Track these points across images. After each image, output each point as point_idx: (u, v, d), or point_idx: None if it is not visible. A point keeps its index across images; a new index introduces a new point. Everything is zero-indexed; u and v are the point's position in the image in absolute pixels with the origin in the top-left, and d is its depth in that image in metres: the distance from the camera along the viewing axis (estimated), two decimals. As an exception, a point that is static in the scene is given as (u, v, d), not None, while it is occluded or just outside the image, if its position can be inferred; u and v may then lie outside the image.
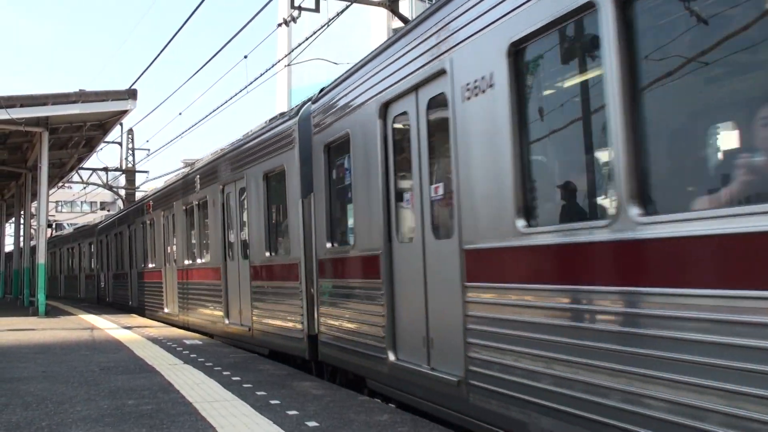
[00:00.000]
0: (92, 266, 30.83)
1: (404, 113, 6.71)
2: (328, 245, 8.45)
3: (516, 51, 4.91)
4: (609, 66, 3.98)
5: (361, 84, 7.51)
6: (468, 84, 5.45)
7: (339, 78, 8.39)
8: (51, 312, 20.84)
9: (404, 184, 6.86)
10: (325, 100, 8.65)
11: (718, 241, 3.35)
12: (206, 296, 13.91)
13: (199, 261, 14.58)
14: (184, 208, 15.75)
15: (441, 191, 6.09)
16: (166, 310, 17.61)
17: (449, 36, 5.73)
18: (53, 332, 14.80)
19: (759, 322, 3.13)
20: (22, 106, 18.61)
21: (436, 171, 6.22)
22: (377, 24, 46.10)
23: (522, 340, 4.77)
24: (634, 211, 3.78)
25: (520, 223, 4.81)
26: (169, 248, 17.35)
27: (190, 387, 7.64)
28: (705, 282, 3.42)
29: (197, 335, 13.89)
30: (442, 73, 5.85)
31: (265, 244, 10.76)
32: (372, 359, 7.27)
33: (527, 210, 4.85)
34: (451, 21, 5.68)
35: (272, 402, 6.70)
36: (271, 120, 11.08)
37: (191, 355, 10.47)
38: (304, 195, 9.25)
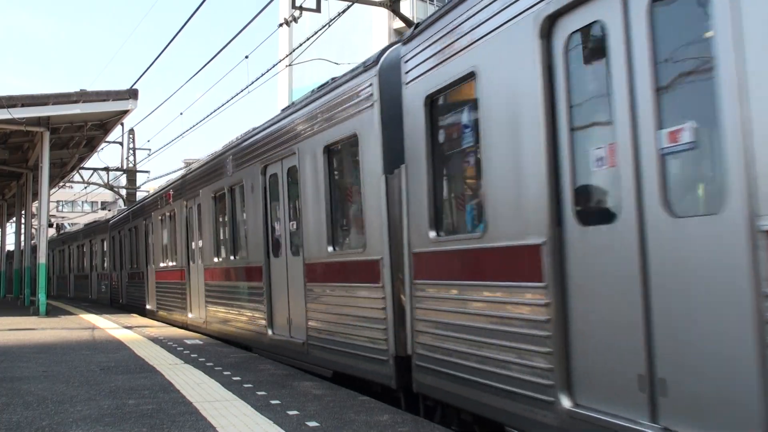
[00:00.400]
0: (104, 265, 28.22)
1: (592, 25, 4.49)
2: (432, 234, 6.24)
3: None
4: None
5: None
6: None
7: None
8: (52, 312, 20.84)
9: (588, 134, 4.61)
10: (429, 34, 6.28)
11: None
12: (242, 301, 11.62)
13: (232, 258, 12.19)
14: (212, 195, 13.35)
15: (682, 137, 3.84)
16: (190, 316, 15.27)
17: None
18: (54, 332, 14.80)
19: None
20: (23, 105, 18.62)
21: (667, 107, 3.97)
22: (378, 24, 46.09)
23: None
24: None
25: None
26: (193, 244, 15.07)
27: (191, 387, 7.64)
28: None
29: (197, 335, 13.88)
30: None
31: (325, 236, 8.43)
32: (525, 403, 4.97)
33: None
34: None
35: (273, 402, 6.70)
36: (332, 80, 8.77)
37: (192, 355, 10.46)
38: (389, 169, 7.07)
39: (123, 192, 39.96)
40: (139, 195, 36.73)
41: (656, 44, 3.97)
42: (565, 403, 4.54)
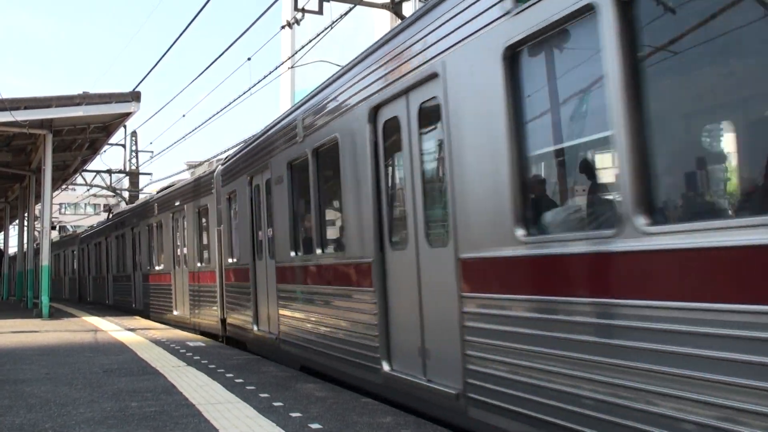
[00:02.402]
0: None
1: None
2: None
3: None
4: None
5: None
6: None
7: None
8: (54, 314, 20.86)
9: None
10: None
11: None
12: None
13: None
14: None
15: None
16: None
17: None
18: (57, 334, 14.82)
19: None
20: (26, 108, 18.64)
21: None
22: (380, 26, 46.12)
23: None
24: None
25: None
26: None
27: (194, 389, 7.64)
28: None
29: (200, 337, 13.89)
30: None
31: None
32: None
33: None
34: None
35: (275, 404, 6.70)
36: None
37: (194, 357, 10.47)
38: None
39: (125, 194, 39.99)
40: (141, 197, 36.79)
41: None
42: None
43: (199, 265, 15.54)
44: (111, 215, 33.22)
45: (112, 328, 16.31)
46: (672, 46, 3.89)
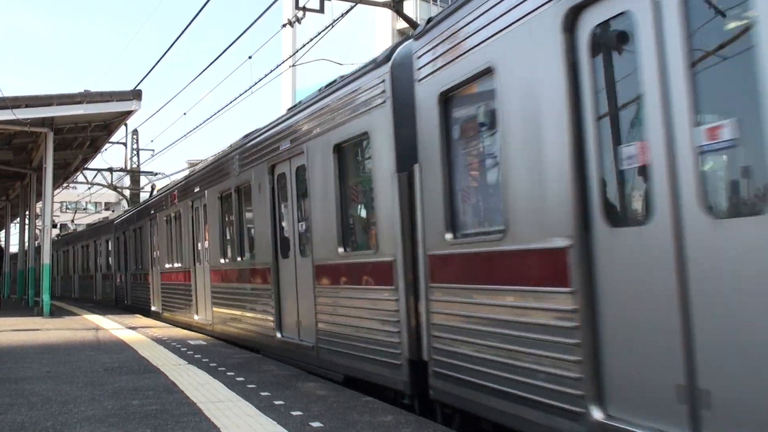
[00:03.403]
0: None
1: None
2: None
3: None
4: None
5: None
6: None
7: None
8: (56, 312, 20.87)
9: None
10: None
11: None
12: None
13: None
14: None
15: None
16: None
17: None
18: (58, 332, 14.83)
19: None
20: (27, 106, 18.64)
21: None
22: (382, 25, 46.10)
23: None
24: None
25: None
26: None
27: (194, 387, 7.65)
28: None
29: (201, 335, 13.89)
30: None
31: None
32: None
33: None
34: None
35: (276, 402, 6.70)
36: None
37: (195, 356, 10.47)
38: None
39: (127, 192, 40.03)
40: (143, 196, 36.78)
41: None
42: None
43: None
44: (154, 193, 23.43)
45: (113, 327, 16.32)
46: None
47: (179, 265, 16.27)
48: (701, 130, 3.71)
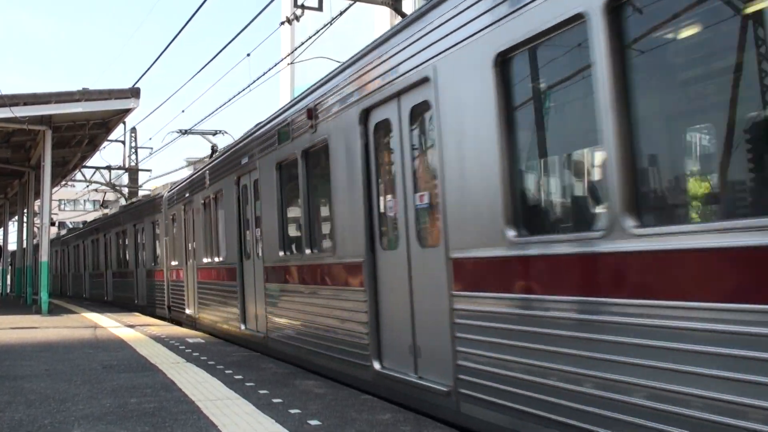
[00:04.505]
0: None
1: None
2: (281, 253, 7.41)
3: None
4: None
5: None
6: None
7: None
8: (54, 310, 20.87)
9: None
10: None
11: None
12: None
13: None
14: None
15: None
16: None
17: None
18: (56, 330, 14.82)
19: None
20: (25, 104, 18.64)
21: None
22: (380, 23, 46.06)
23: None
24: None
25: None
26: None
27: (193, 385, 7.65)
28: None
29: (200, 333, 13.89)
30: None
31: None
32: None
33: None
34: None
35: (274, 400, 6.70)
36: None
37: (194, 354, 10.47)
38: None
39: (125, 191, 40.00)
40: (141, 194, 36.74)
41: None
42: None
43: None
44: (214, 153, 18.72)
45: (111, 325, 16.32)
46: None
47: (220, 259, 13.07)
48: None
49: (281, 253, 9.68)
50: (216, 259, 13.31)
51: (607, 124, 4.06)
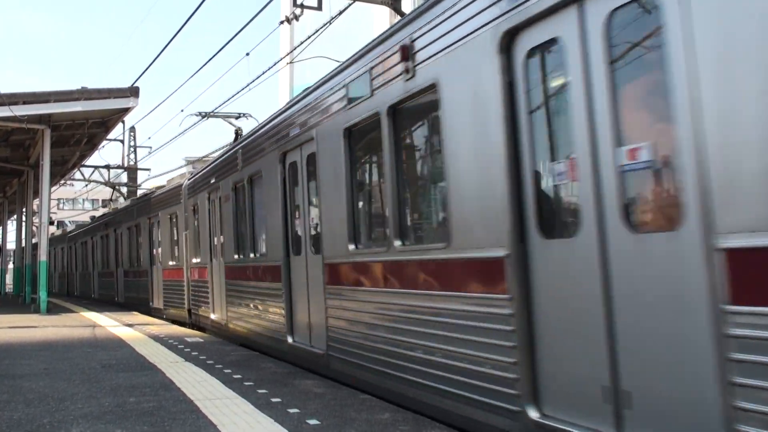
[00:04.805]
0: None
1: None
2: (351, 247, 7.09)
3: None
4: None
5: None
6: None
7: None
8: (53, 309, 20.85)
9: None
10: None
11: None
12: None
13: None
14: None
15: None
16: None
17: None
18: (55, 329, 14.82)
19: None
20: (24, 103, 18.64)
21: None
22: (380, 22, 46.05)
23: None
24: None
25: None
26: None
27: (192, 385, 7.65)
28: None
29: (198, 333, 13.89)
30: None
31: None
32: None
33: None
34: None
35: (273, 400, 6.70)
36: None
37: (192, 353, 10.47)
38: None
39: (124, 190, 39.97)
40: (139, 193, 36.69)
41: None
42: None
43: None
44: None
45: (110, 324, 16.31)
46: None
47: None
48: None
49: (351, 247, 7.50)
50: (253, 256, 11.20)
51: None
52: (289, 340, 9.50)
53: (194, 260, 15.47)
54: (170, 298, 17.94)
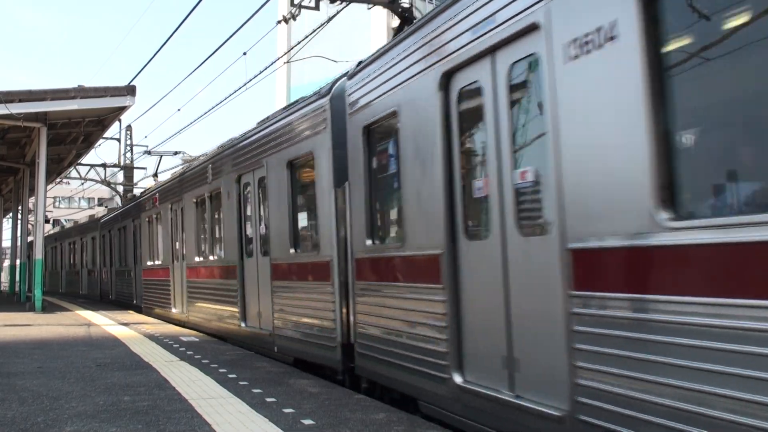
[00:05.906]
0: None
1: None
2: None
3: None
4: None
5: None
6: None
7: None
8: (48, 308, 20.82)
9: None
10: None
11: None
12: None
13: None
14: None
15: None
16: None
17: None
18: (50, 328, 14.79)
19: None
20: (20, 101, 18.59)
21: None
22: (377, 22, 46.06)
23: None
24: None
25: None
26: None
27: (186, 384, 7.64)
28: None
29: (193, 332, 13.86)
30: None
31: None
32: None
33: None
34: None
35: (268, 400, 6.70)
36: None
37: (188, 352, 10.45)
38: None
39: (120, 188, 39.89)
40: (137, 192, 36.56)
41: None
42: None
43: None
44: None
45: (105, 323, 16.28)
46: None
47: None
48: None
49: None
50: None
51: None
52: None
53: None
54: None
